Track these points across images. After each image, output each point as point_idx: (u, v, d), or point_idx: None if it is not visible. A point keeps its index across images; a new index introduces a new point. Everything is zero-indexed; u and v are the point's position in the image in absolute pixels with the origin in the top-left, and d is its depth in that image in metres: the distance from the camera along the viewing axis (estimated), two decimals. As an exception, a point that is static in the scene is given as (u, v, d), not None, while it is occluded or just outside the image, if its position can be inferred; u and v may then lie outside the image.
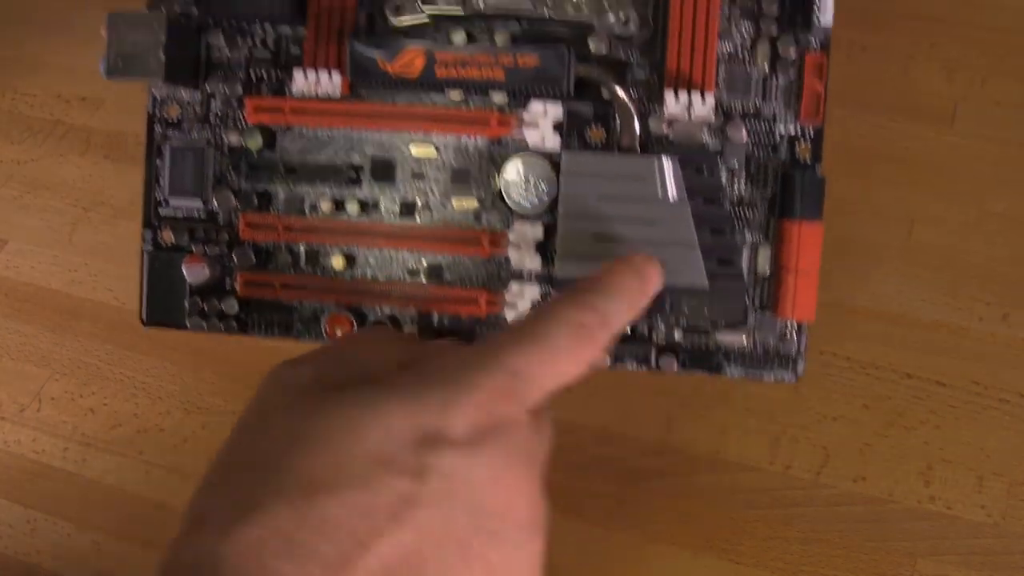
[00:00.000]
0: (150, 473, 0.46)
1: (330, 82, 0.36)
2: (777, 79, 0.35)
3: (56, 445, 0.47)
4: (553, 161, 0.35)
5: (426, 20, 0.36)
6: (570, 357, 0.26)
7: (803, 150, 0.36)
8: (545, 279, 0.36)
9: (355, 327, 0.36)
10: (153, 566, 0.23)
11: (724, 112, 0.35)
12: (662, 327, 0.37)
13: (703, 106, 0.34)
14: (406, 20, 0.36)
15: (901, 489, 0.41)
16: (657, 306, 0.34)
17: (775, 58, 0.35)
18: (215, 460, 0.26)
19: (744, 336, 0.36)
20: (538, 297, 0.36)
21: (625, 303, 0.28)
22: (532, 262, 0.35)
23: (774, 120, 0.36)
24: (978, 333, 0.42)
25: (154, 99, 0.37)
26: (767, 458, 0.42)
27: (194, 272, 0.36)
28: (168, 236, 0.37)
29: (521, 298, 0.35)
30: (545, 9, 0.35)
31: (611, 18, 0.35)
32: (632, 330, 0.37)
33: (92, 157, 0.51)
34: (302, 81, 0.36)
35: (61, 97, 0.52)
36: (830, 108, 0.35)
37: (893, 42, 0.44)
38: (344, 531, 0.22)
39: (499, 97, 0.36)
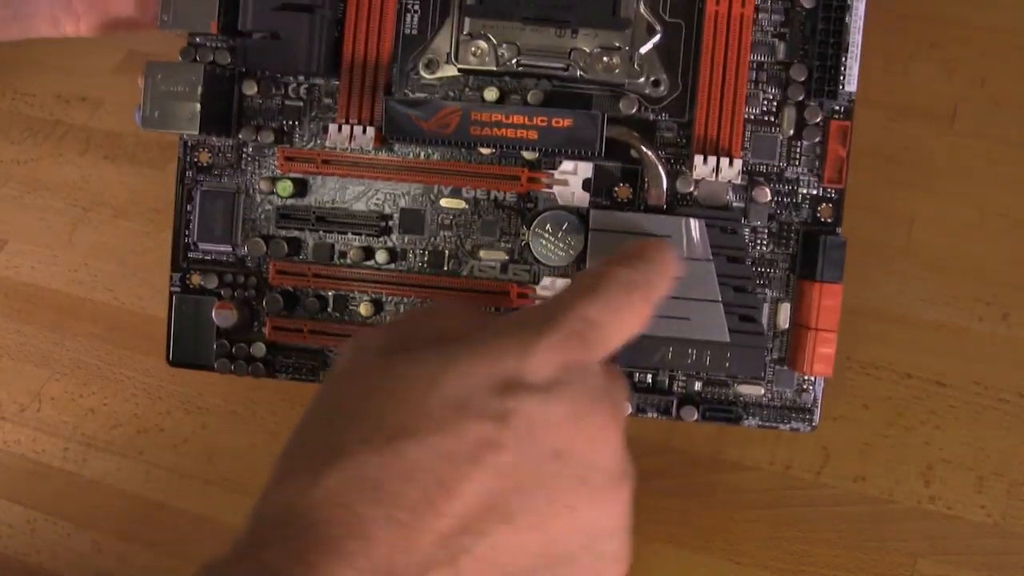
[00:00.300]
0: (150, 473, 0.46)
1: (363, 136, 0.36)
2: (802, 143, 0.36)
3: (56, 445, 0.47)
4: (581, 216, 0.36)
5: (456, 74, 0.37)
6: (631, 308, 0.27)
7: (825, 211, 0.37)
8: None
9: None
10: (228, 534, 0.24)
11: (749, 173, 0.36)
12: (682, 379, 0.38)
13: (730, 169, 0.35)
14: (437, 75, 0.37)
15: (901, 489, 0.41)
16: (679, 358, 0.35)
17: (800, 123, 0.36)
18: (300, 421, 0.27)
19: (762, 388, 0.37)
20: None
21: (663, 273, 0.29)
22: None
23: (797, 182, 0.37)
24: (978, 333, 0.42)
25: (185, 144, 0.38)
26: (767, 458, 0.42)
27: (223, 317, 0.37)
28: (196, 280, 0.38)
29: None
30: (578, 70, 0.36)
31: (642, 80, 0.36)
32: (653, 381, 0.38)
33: (92, 157, 0.51)
34: (336, 134, 0.36)
35: (61, 97, 0.52)
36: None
37: (893, 42, 0.44)
38: (427, 474, 0.23)
39: (529, 154, 0.36)
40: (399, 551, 0.22)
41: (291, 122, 0.37)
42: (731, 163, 0.35)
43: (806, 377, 0.38)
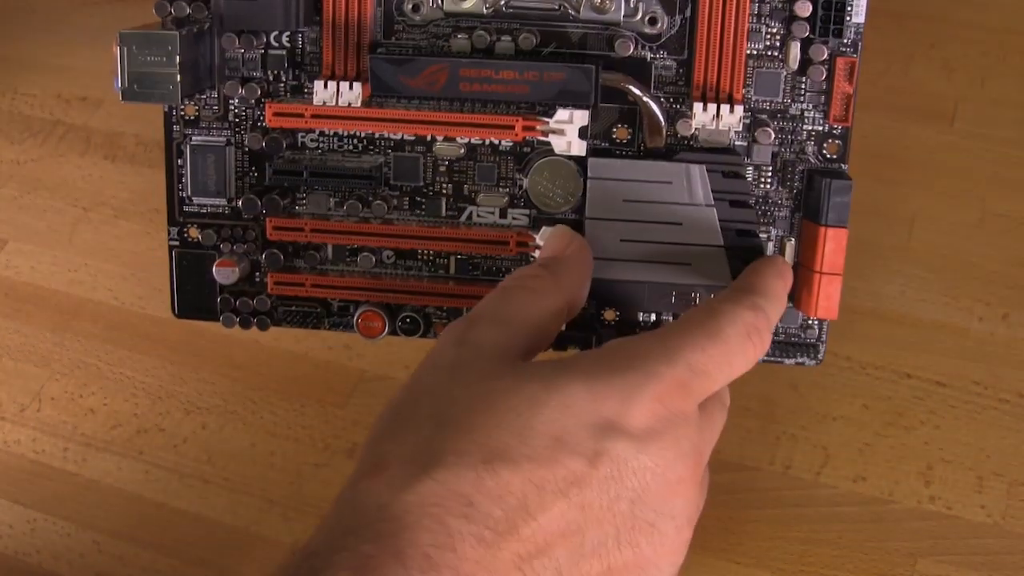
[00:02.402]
0: (150, 473, 0.46)
1: (351, 92, 0.35)
2: (807, 79, 0.35)
3: (56, 445, 0.47)
4: (579, 164, 0.35)
5: (442, 16, 0.36)
6: (744, 356, 0.28)
7: (831, 147, 0.36)
8: None
9: (386, 324, 0.36)
10: (329, 503, 0.24)
11: (752, 110, 0.35)
12: None
13: (731, 116, 0.34)
14: (423, 16, 0.36)
15: (901, 489, 0.41)
16: (681, 303, 0.35)
17: (805, 60, 0.35)
18: (395, 404, 0.27)
19: None
20: None
21: (780, 305, 0.30)
22: None
23: (802, 119, 0.36)
24: (978, 333, 0.42)
25: None
26: (767, 458, 0.42)
27: (224, 274, 0.36)
28: (195, 233, 0.37)
29: None
30: (571, 9, 0.35)
31: (637, 18, 0.35)
32: (658, 320, 0.37)
33: (92, 157, 0.51)
34: (322, 91, 0.35)
35: (61, 97, 0.52)
36: (830, 108, 0.35)
37: (893, 42, 0.44)
38: (515, 498, 0.24)
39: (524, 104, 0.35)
40: (482, 568, 0.23)
41: (276, 72, 0.37)
42: (732, 109, 0.34)
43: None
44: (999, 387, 0.42)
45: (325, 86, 0.35)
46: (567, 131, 0.35)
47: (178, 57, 0.34)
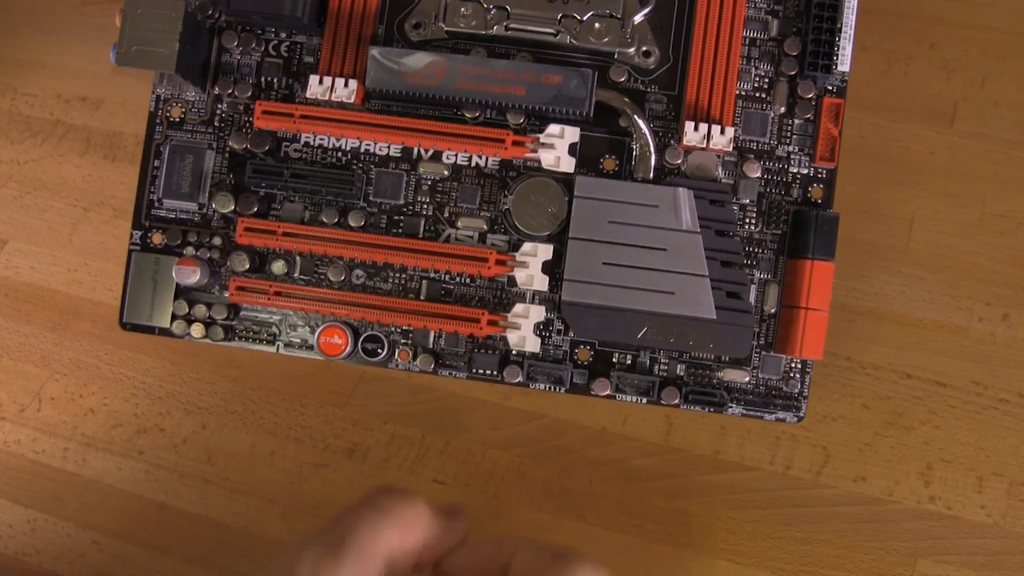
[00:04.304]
0: (150, 473, 0.46)
1: (345, 89, 0.35)
2: (793, 120, 0.35)
3: (56, 445, 0.47)
4: (565, 184, 0.35)
5: (444, 37, 0.36)
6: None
7: (816, 191, 0.36)
8: (550, 301, 0.36)
9: (349, 340, 0.36)
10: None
11: (739, 149, 0.35)
12: (665, 361, 0.36)
13: (721, 137, 0.34)
14: (424, 36, 0.36)
15: (901, 489, 0.41)
16: (662, 336, 0.34)
17: (792, 99, 0.35)
18: None
19: (747, 374, 0.36)
20: (542, 318, 0.35)
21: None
22: (539, 283, 0.35)
23: (788, 160, 0.36)
24: (978, 333, 0.42)
25: (157, 97, 0.37)
26: (767, 458, 0.42)
27: (184, 274, 0.35)
28: (158, 239, 0.37)
29: (525, 319, 0.35)
30: (568, 37, 0.35)
31: (632, 50, 0.35)
32: (633, 362, 0.36)
33: (92, 157, 0.51)
34: (316, 86, 0.35)
35: (61, 97, 0.52)
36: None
37: (893, 42, 0.44)
38: None
39: (514, 119, 0.35)
40: None
41: (270, 79, 0.36)
42: (722, 131, 0.34)
43: (793, 364, 0.36)
44: (999, 387, 0.42)
45: (320, 81, 0.35)
46: (557, 145, 0.35)
47: (180, 26, 0.34)
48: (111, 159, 0.51)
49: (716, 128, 0.34)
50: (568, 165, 0.35)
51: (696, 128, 0.34)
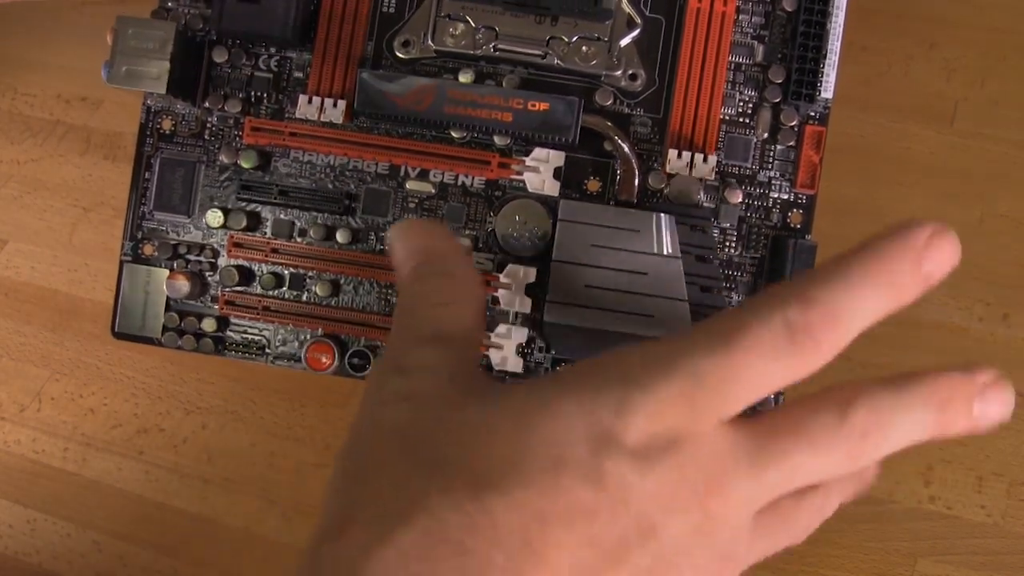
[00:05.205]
0: (150, 473, 0.46)
1: (334, 109, 0.36)
2: (776, 146, 0.36)
3: (56, 445, 0.47)
4: (549, 207, 0.36)
5: (432, 55, 0.36)
6: (776, 362, 0.22)
7: (795, 217, 0.36)
8: (533, 322, 0.36)
9: (336, 357, 0.36)
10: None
11: (721, 174, 0.36)
12: None
13: (704, 165, 0.35)
14: (413, 55, 0.36)
15: (901, 489, 0.41)
16: None
17: (775, 125, 0.36)
18: (352, 449, 0.23)
19: None
20: (524, 340, 0.36)
21: (868, 290, 0.24)
22: (522, 304, 0.35)
23: (769, 186, 0.36)
24: (978, 333, 0.42)
25: (148, 109, 0.37)
26: (767, 458, 0.42)
27: (175, 288, 0.36)
28: (149, 250, 0.37)
29: (508, 339, 0.35)
30: (555, 58, 0.35)
31: (619, 73, 0.36)
32: None
33: (92, 157, 0.51)
34: (305, 106, 0.36)
35: (61, 97, 0.52)
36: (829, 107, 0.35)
37: (893, 42, 0.44)
38: (517, 537, 0.20)
39: (500, 140, 0.36)
40: None
41: (259, 94, 0.37)
42: (705, 159, 0.35)
43: None
44: (999, 387, 0.42)
45: (309, 101, 0.36)
46: (542, 169, 0.35)
47: (171, 47, 0.34)
48: (111, 159, 0.51)
49: (699, 156, 0.35)
50: (552, 188, 0.36)
51: (679, 156, 0.35)
